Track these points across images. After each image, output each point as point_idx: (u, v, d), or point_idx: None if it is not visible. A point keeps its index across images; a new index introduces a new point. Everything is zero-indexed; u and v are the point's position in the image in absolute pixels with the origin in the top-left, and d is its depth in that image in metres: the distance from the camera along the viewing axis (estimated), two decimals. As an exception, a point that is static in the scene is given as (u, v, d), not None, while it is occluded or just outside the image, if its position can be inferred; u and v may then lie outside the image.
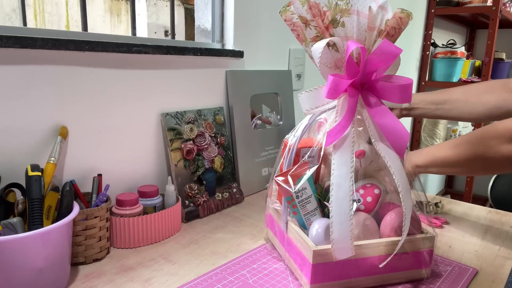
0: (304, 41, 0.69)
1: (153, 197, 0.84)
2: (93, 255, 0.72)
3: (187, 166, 0.94)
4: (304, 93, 0.69)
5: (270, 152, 1.18)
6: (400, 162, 0.64)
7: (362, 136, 0.70)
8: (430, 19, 2.24)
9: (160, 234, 0.81)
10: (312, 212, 0.69)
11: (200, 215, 0.94)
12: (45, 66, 0.74)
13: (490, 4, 2.07)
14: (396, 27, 0.65)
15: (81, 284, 0.66)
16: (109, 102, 0.85)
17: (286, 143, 0.73)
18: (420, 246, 0.67)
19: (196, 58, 1.01)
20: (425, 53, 2.29)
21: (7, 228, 0.60)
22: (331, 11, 0.64)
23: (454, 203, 1.08)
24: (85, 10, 0.87)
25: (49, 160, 0.71)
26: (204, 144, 0.98)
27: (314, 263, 0.61)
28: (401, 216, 0.66)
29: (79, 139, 0.81)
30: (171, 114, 0.94)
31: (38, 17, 2.50)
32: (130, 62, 0.87)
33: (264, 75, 1.19)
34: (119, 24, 2.87)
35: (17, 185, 0.67)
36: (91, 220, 0.71)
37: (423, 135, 2.35)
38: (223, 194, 1.00)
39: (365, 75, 0.65)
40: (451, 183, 3.28)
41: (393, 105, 0.66)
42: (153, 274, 0.69)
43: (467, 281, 0.69)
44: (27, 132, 0.73)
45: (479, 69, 2.48)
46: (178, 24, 2.70)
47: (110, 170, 0.86)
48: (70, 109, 0.78)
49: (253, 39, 1.17)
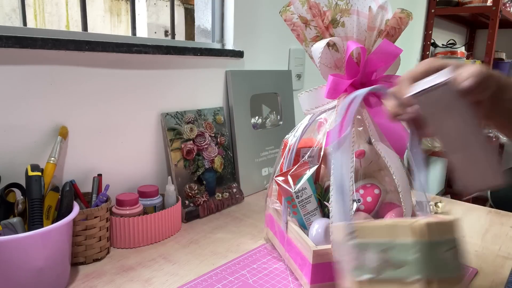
0: (304, 41, 0.69)
1: (153, 197, 0.84)
2: (93, 255, 0.72)
3: (187, 166, 0.94)
4: (304, 93, 0.69)
5: (270, 152, 1.18)
6: (400, 162, 0.64)
7: (362, 136, 0.70)
8: (430, 19, 2.24)
9: (160, 234, 0.81)
10: (312, 212, 0.69)
11: (200, 215, 0.94)
12: (45, 66, 0.74)
13: (490, 4, 2.07)
14: (396, 27, 0.65)
15: (81, 284, 0.66)
16: (109, 102, 0.85)
17: (286, 143, 0.73)
18: (420, 246, 0.67)
19: (196, 58, 1.01)
20: (425, 53, 2.29)
21: (7, 228, 0.60)
22: (331, 11, 0.64)
23: (454, 203, 1.08)
24: (85, 10, 0.87)
25: (49, 160, 0.71)
26: (204, 144, 0.98)
27: (314, 263, 0.61)
28: (401, 216, 0.66)
29: (79, 139, 0.81)
30: (171, 114, 0.94)
31: (38, 17, 2.50)
32: (130, 62, 0.87)
33: (264, 75, 1.19)
34: (119, 24, 2.87)
35: (17, 185, 0.67)
36: (91, 220, 0.71)
37: (423, 135, 2.34)
38: (223, 194, 1.00)
39: (365, 75, 0.65)
40: (451, 183, 3.28)
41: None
42: (153, 274, 0.69)
43: (467, 281, 0.69)
44: (27, 132, 0.73)
45: (479, 69, 2.48)
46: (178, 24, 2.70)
47: (110, 170, 0.86)
48: (70, 109, 0.78)
49: (253, 39, 1.17)
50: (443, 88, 0.42)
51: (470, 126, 0.42)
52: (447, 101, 0.42)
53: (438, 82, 0.42)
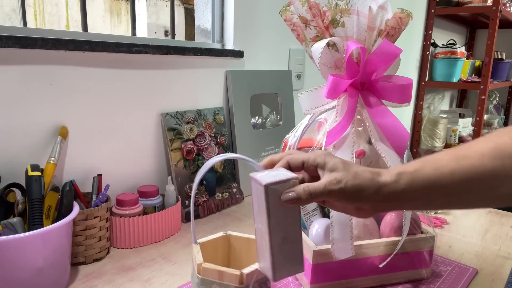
0: (304, 41, 0.69)
1: (153, 197, 0.84)
2: (93, 255, 0.72)
3: (187, 166, 0.94)
4: (304, 93, 0.69)
5: (270, 152, 1.18)
6: (400, 162, 0.64)
7: (362, 136, 0.70)
8: (430, 19, 2.24)
9: (160, 234, 0.81)
10: (312, 212, 0.69)
11: (200, 215, 0.94)
12: (45, 66, 0.74)
13: (490, 4, 2.07)
14: (396, 27, 0.65)
15: (81, 284, 0.66)
16: (109, 102, 0.85)
17: (286, 143, 0.73)
18: (420, 246, 0.67)
19: (196, 58, 1.01)
20: (425, 53, 2.29)
21: (7, 228, 0.60)
22: (331, 11, 0.64)
23: (454, 203, 1.07)
24: (85, 10, 0.87)
25: (49, 160, 0.71)
26: (204, 144, 0.98)
27: (314, 263, 0.61)
28: (401, 216, 0.66)
29: (79, 139, 0.81)
30: (171, 114, 0.94)
31: (38, 17, 2.50)
32: (130, 62, 0.87)
33: (264, 75, 1.19)
34: (119, 24, 2.87)
35: (17, 185, 0.67)
36: (91, 220, 0.71)
37: (423, 135, 2.34)
38: (223, 194, 1.00)
39: (365, 75, 0.65)
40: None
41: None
42: (153, 274, 0.69)
43: (467, 281, 0.69)
44: (27, 132, 0.73)
45: (479, 69, 2.48)
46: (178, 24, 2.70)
47: (110, 170, 0.86)
48: (70, 109, 0.78)
49: (253, 39, 1.17)
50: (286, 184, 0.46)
51: (296, 221, 0.47)
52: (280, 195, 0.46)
53: (284, 179, 0.46)
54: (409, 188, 0.45)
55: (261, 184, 0.45)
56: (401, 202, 0.47)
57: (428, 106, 2.40)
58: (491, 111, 2.80)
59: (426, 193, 0.46)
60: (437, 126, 2.30)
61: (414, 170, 0.46)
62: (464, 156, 0.46)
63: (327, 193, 0.45)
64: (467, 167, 0.45)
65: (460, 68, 2.26)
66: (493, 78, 2.35)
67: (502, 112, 2.99)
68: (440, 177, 0.45)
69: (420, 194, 0.46)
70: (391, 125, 0.64)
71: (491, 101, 2.80)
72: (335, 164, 0.46)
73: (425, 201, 0.47)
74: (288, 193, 0.45)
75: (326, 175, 0.46)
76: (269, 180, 0.45)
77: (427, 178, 0.45)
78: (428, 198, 0.46)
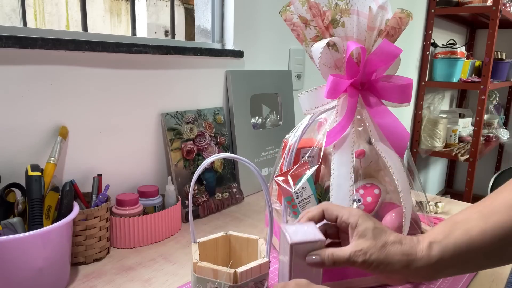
0: (304, 41, 0.69)
1: (153, 197, 0.84)
2: (93, 255, 0.72)
3: (187, 166, 0.94)
4: (304, 93, 0.69)
5: (270, 152, 1.18)
6: (400, 162, 0.64)
7: (362, 136, 0.70)
8: (430, 19, 2.24)
9: (160, 234, 0.81)
10: (306, 199, 0.69)
11: (200, 215, 0.94)
12: (45, 66, 0.74)
13: (490, 4, 2.07)
14: (396, 27, 0.65)
15: (81, 284, 0.66)
16: (109, 102, 0.85)
17: (286, 143, 0.73)
18: (420, 246, 0.67)
19: (196, 58, 1.01)
20: (425, 53, 2.29)
21: (7, 228, 0.60)
22: (331, 11, 0.64)
23: (454, 203, 1.08)
24: (85, 10, 0.87)
25: (49, 160, 0.71)
26: (204, 144, 0.98)
27: (314, 263, 0.61)
28: (401, 216, 0.66)
29: (79, 139, 0.81)
30: (171, 114, 0.94)
31: (38, 17, 2.50)
32: (130, 62, 0.87)
33: (264, 75, 1.19)
34: (119, 24, 2.87)
35: (17, 185, 0.67)
36: (91, 220, 0.71)
37: (423, 135, 2.34)
38: (223, 194, 1.00)
39: (365, 75, 0.65)
40: (451, 183, 3.28)
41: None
42: (153, 274, 0.69)
43: (467, 281, 0.69)
44: (27, 132, 0.73)
45: (479, 69, 2.48)
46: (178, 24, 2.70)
47: (110, 170, 0.86)
48: (70, 109, 0.78)
49: (253, 39, 1.17)
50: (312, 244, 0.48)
51: (317, 276, 0.50)
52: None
53: (311, 240, 0.48)
54: (441, 260, 0.45)
55: (288, 241, 0.47)
56: (433, 273, 0.47)
57: (428, 106, 2.40)
58: (491, 111, 2.80)
59: (459, 260, 0.46)
60: (437, 126, 2.30)
61: (444, 237, 0.46)
62: (491, 212, 0.45)
63: (351, 263, 0.46)
64: (496, 224, 0.45)
65: (460, 68, 2.26)
66: (493, 78, 2.35)
67: (502, 112, 2.99)
68: (471, 240, 0.45)
69: (454, 262, 0.46)
70: (391, 125, 0.64)
71: (491, 101, 2.80)
72: (365, 230, 0.47)
73: (458, 268, 0.47)
74: (313, 255, 0.47)
75: (354, 241, 0.47)
76: (296, 239, 0.47)
77: (458, 245, 0.45)
78: (461, 264, 0.46)
